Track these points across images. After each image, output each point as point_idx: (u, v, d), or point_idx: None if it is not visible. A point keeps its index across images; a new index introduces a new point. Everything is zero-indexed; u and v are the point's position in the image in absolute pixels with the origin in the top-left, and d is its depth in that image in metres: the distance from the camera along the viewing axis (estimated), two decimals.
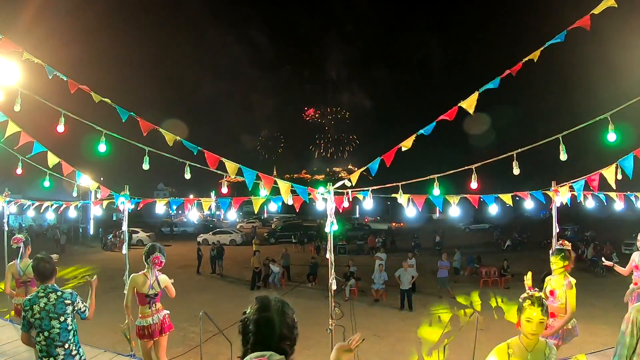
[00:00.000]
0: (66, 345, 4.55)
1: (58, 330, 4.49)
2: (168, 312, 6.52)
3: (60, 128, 5.41)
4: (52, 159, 7.08)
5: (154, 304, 6.34)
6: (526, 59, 4.54)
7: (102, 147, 5.74)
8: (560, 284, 5.82)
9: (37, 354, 4.53)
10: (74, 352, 4.63)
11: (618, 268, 7.78)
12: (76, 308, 4.70)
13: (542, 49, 4.51)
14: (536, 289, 3.91)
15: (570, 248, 5.96)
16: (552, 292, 5.94)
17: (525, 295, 3.58)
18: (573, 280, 5.73)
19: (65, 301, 4.60)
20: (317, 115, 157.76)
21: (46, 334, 4.45)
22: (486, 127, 79.96)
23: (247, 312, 2.25)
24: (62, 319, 4.53)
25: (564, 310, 5.72)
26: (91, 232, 37.79)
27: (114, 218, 56.89)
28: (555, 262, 5.92)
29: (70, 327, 4.60)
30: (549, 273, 7.71)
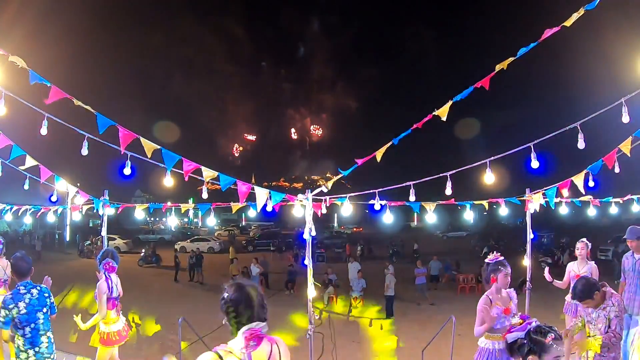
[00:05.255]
0: (48, 334, 4.98)
1: (42, 320, 4.92)
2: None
3: (44, 131, 5.37)
4: (30, 163, 6.99)
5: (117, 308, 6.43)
6: (498, 68, 4.63)
7: (84, 151, 5.69)
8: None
9: (20, 347, 4.79)
10: (52, 340, 5.07)
11: (557, 283, 7.73)
12: (51, 301, 5.16)
13: (512, 60, 4.60)
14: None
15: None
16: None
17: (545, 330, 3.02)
18: None
19: (45, 294, 5.05)
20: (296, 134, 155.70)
21: (32, 325, 4.83)
22: (464, 134, 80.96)
23: (226, 296, 2.68)
24: (44, 310, 4.97)
25: None
26: (67, 238, 37.12)
27: (91, 224, 56.27)
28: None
29: (49, 318, 5.07)
30: (525, 280, 7.89)
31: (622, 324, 4.92)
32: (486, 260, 5.51)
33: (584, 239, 7.56)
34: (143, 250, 35.45)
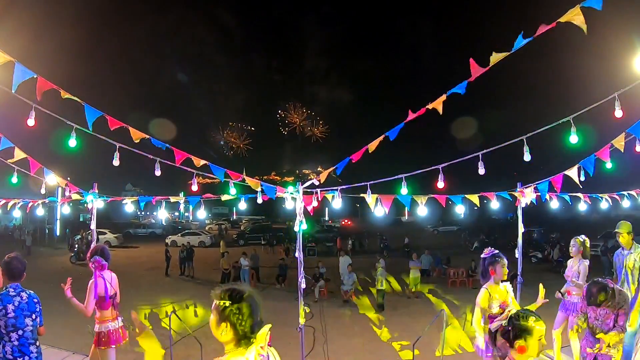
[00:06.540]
0: (37, 343, 4.61)
1: (31, 328, 4.53)
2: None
3: (31, 122, 5.26)
4: (19, 155, 6.89)
5: (114, 307, 6.14)
6: (491, 64, 4.61)
7: (72, 142, 5.59)
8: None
9: (8, 355, 4.41)
10: (40, 351, 4.67)
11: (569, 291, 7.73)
12: (40, 308, 4.74)
13: (506, 55, 4.59)
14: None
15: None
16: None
17: (520, 314, 3.11)
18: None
19: (34, 300, 4.64)
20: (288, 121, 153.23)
21: (20, 332, 4.44)
22: (457, 129, 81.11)
23: (228, 303, 2.46)
24: (33, 316, 4.58)
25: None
26: (57, 232, 36.70)
27: (81, 219, 55.95)
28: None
29: (37, 327, 4.64)
30: (516, 274, 7.91)
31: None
32: (482, 255, 5.57)
33: (577, 237, 7.50)
34: (76, 245, 31.46)
